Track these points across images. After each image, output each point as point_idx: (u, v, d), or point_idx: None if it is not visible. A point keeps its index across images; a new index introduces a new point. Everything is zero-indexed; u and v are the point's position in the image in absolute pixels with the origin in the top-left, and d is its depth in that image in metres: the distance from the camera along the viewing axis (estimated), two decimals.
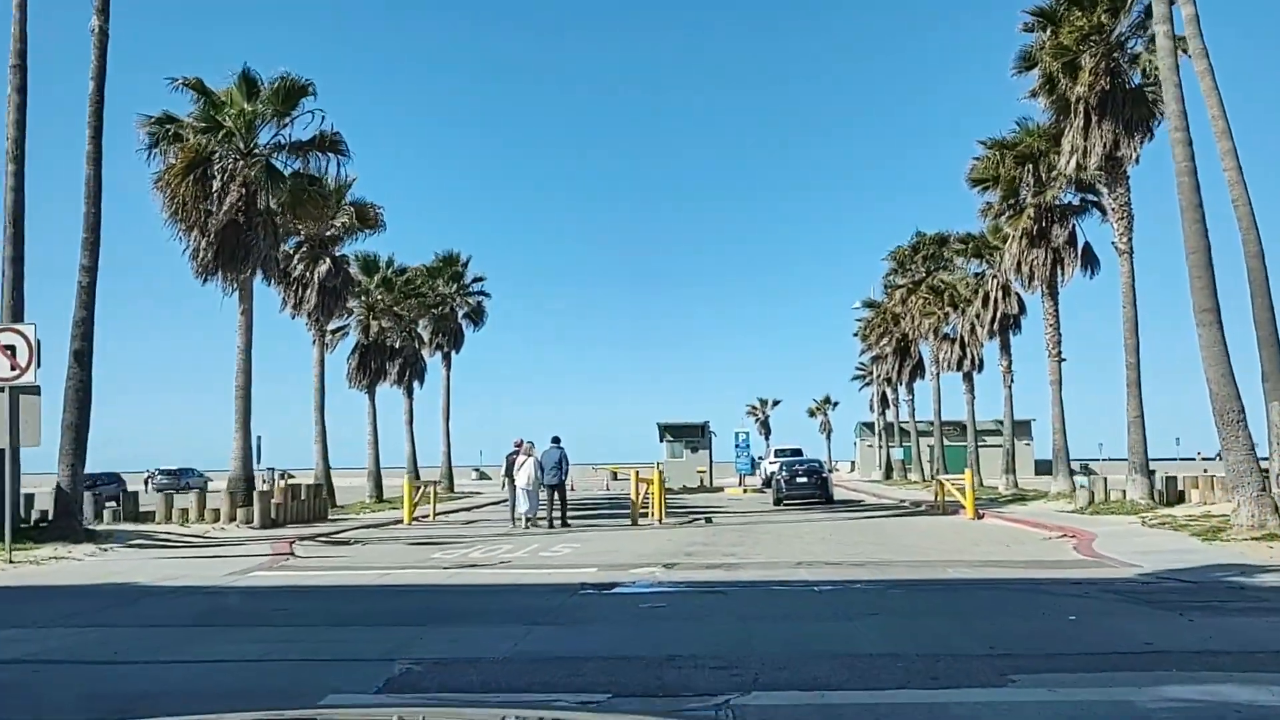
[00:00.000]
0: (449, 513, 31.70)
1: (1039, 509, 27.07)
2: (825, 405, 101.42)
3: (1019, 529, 21.60)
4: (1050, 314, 30.78)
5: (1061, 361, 30.66)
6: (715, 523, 25.39)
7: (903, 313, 49.16)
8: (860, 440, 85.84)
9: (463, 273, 46.41)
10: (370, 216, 31.86)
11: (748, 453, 52.83)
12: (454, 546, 18.82)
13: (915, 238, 47.26)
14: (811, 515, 28.23)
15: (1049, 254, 30.23)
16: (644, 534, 21.59)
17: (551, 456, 23.31)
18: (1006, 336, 37.19)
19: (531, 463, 22.96)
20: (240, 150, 25.67)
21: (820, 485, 34.31)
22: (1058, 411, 30.38)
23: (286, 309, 31.37)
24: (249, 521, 22.90)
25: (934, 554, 16.13)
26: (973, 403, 42.99)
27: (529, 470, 22.90)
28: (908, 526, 23.17)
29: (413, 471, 41.03)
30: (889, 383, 58.09)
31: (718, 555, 16.33)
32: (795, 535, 20.74)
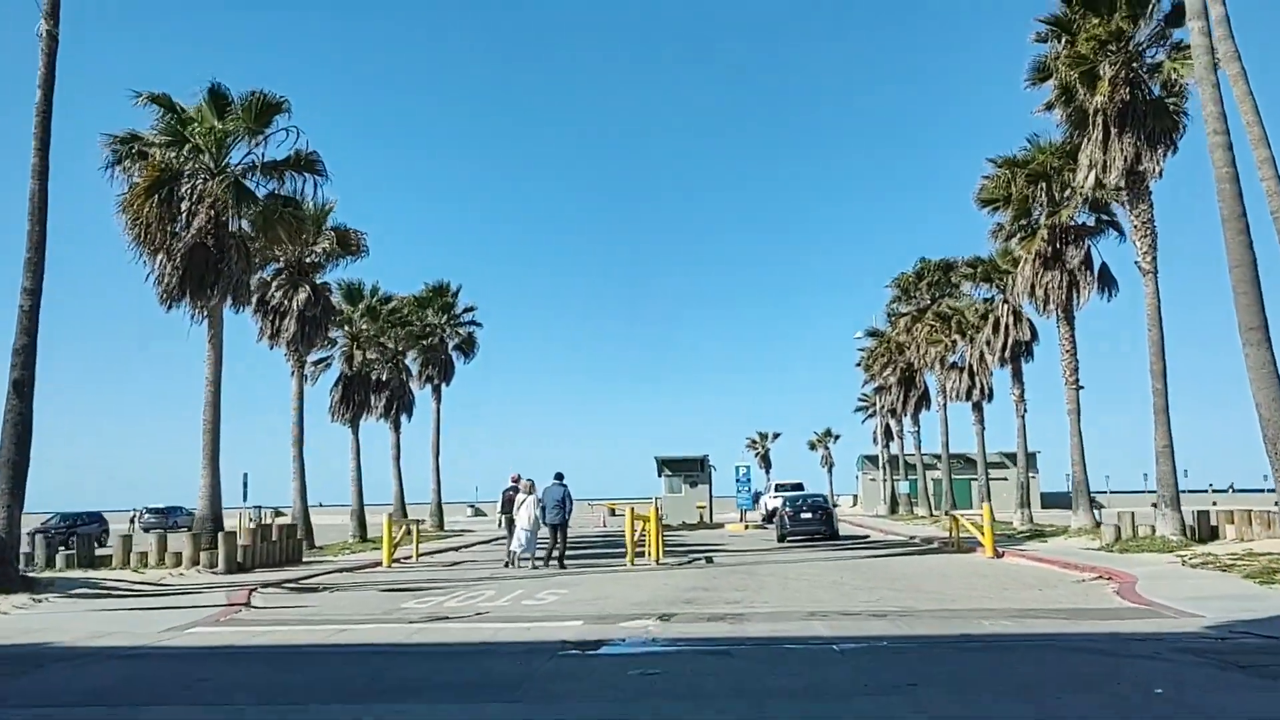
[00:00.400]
0: (434, 553, 29.96)
1: (1061, 546, 25.39)
2: (826, 438, 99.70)
3: (1046, 569, 19.93)
4: (1066, 339, 29.25)
5: (1079, 389, 29.12)
6: (716, 563, 23.71)
7: (907, 341, 47.64)
8: (862, 474, 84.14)
9: (453, 303, 44.98)
10: (352, 242, 30.41)
11: (749, 487, 51.05)
12: (431, 593, 17.16)
13: (919, 264, 45.92)
14: (818, 554, 26.53)
15: (1064, 276, 28.76)
16: (639, 577, 19.91)
17: (554, 494, 22.29)
18: (1018, 364, 35.64)
19: (532, 501, 22.05)
20: (210, 169, 24.28)
21: (825, 521, 33.21)
22: (1076, 442, 28.78)
23: (264, 339, 29.81)
24: (213, 566, 21.21)
25: (961, 600, 14.48)
26: (983, 434, 41.42)
27: (529, 508, 21.97)
28: (923, 567, 21.49)
29: (400, 509, 39.35)
30: (893, 414, 56.44)
31: (720, 603, 14.68)
32: (803, 578, 19.06)
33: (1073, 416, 28.88)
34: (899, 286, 47.19)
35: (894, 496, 58.88)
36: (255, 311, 29.90)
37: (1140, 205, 23.82)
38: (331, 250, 29.73)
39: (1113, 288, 29.15)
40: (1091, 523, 28.16)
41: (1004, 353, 34.97)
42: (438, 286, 44.48)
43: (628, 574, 20.95)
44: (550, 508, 22.12)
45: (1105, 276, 29.10)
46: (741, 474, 50.70)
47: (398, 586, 18.76)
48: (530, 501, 22.13)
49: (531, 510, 22.01)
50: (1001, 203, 29.79)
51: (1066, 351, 29.15)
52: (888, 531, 37.80)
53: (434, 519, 43.94)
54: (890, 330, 51.65)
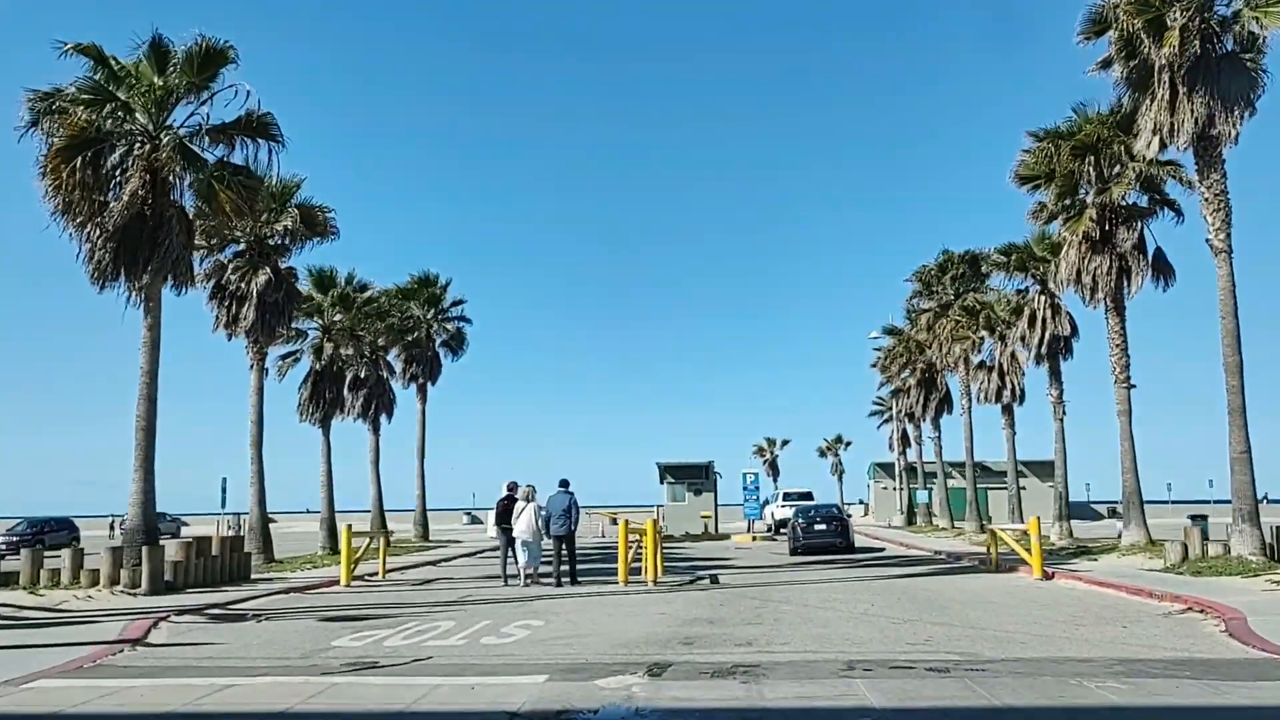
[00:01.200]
0: (408, 569, 26.90)
1: (1117, 566, 22.27)
2: (837, 444, 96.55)
3: (1114, 596, 16.82)
4: (1116, 331, 26.10)
5: (1131, 388, 25.97)
6: (723, 584, 20.64)
7: (928, 340, 44.44)
8: (874, 482, 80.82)
9: (441, 295, 42.00)
10: (319, 221, 27.37)
11: (756, 496, 47.82)
12: (377, 625, 14.14)
13: (942, 256, 42.72)
14: (837, 572, 23.45)
15: (1113, 261, 25.64)
16: (632, 603, 16.85)
17: (559, 503, 20.24)
18: (1056, 362, 32.43)
19: (532, 509, 20.10)
20: (147, 131, 21.30)
21: (841, 533, 31.00)
22: (1128, 447, 25.61)
23: (220, 327, 26.80)
24: (134, 586, 18.19)
25: (1034, 643, 11.39)
26: (1013, 439, 38.18)
27: (529, 518, 19.99)
28: (965, 591, 18.39)
29: (378, 517, 36.33)
30: (910, 418, 53.15)
31: (729, 644, 11.62)
32: (827, 605, 15.99)
33: (1124, 418, 25.73)
34: (920, 280, 43.93)
35: (911, 506, 55.60)
36: (210, 298, 26.94)
37: (1212, 174, 20.71)
38: (296, 230, 26.66)
39: (1168, 275, 26.02)
40: (1145, 538, 25.01)
41: (1040, 349, 31.80)
42: (424, 278, 41.52)
43: (619, 598, 17.90)
44: (556, 518, 20.09)
45: (1160, 262, 25.96)
46: (749, 481, 47.47)
47: (342, 614, 15.73)
48: (530, 510, 20.10)
49: (531, 519, 19.98)
50: (1043, 180, 26.63)
51: (1116, 345, 25.99)
52: (909, 545, 34.66)
53: (418, 528, 40.89)
54: (910, 328, 48.41)
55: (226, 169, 21.97)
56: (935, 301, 43.48)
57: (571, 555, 20.48)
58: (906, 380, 50.39)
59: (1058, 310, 31.76)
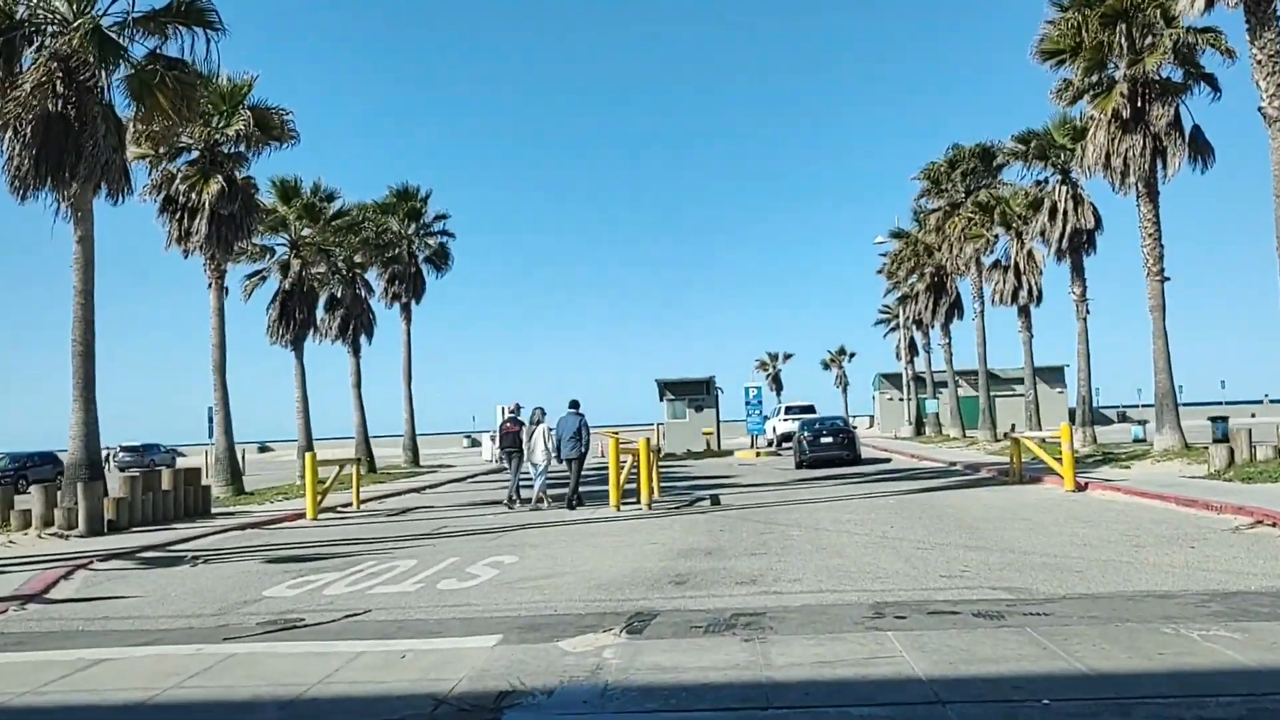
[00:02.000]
0: (389, 496, 25.18)
1: (1153, 474, 20.45)
2: (841, 357, 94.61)
3: (1164, 509, 14.95)
4: (1149, 219, 23.88)
5: (1165, 281, 23.85)
6: (724, 504, 18.85)
7: (937, 242, 42.16)
8: (880, 393, 79.26)
9: (422, 209, 39.62)
10: (275, 124, 24.96)
11: (759, 411, 45.96)
12: (326, 565, 12.35)
13: (952, 150, 40.11)
14: (848, 488, 21.69)
15: (1147, 141, 23.32)
16: (622, 531, 15.04)
17: (569, 425, 19.65)
18: (1079, 257, 30.19)
19: (541, 432, 19.58)
20: (65, 19, 18.90)
21: (847, 445, 31.04)
22: (1161, 345, 23.59)
23: (173, 243, 24.63)
24: (70, 527, 16.38)
25: (1093, 571, 9.53)
26: (1030, 342, 36.05)
27: (541, 441, 19.52)
28: (992, 506, 16.54)
29: (363, 443, 34.58)
30: (918, 325, 51.06)
31: (728, 582, 9.78)
32: (840, 527, 14.16)
33: (1156, 314, 23.66)
34: (928, 178, 41.37)
35: (920, 417, 53.88)
36: (160, 211, 24.74)
37: (1265, 33, 18.30)
38: (249, 134, 24.25)
39: (1207, 155, 23.69)
40: (1180, 443, 23.15)
41: (1061, 244, 29.50)
42: (403, 190, 39.03)
43: (608, 525, 16.10)
44: (566, 440, 19.48)
45: (1198, 141, 23.62)
46: (752, 396, 45.58)
47: (293, 553, 13.92)
48: (541, 433, 19.58)
49: (543, 443, 19.50)
50: (1068, 54, 24.08)
51: (1149, 235, 23.80)
52: (921, 457, 32.92)
53: (408, 454, 39.13)
54: (918, 230, 46.05)
55: (160, 62, 19.61)
56: (945, 200, 41.04)
57: (577, 478, 19.73)
58: (914, 285, 48.18)
59: (1080, 201, 29.43)
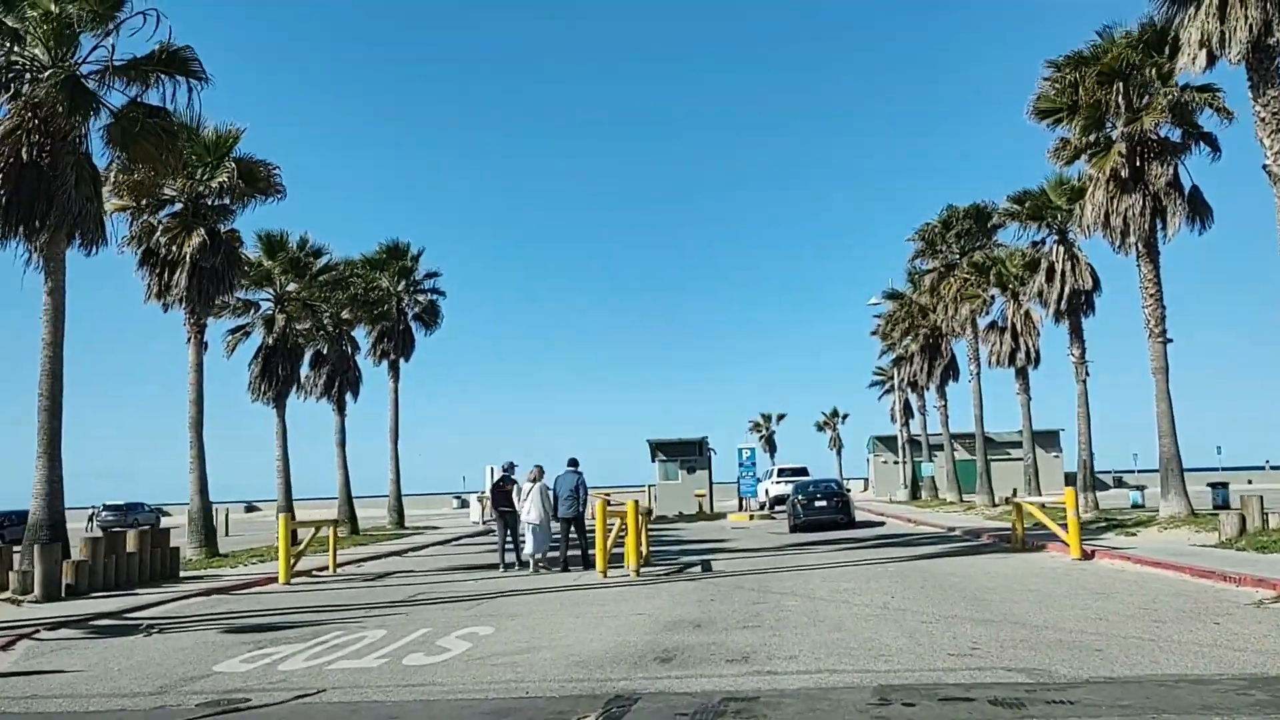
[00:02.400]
0: (369, 559, 24.28)
1: (1161, 541, 19.70)
2: (834, 419, 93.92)
3: (1179, 580, 14.20)
4: (1150, 280, 23.43)
5: (1167, 343, 23.32)
6: (716, 571, 18.05)
7: (931, 303, 41.75)
8: (874, 456, 78.38)
9: (412, 266, 39.22)
10: (260, 177, 24.55)
11: (753, 473, 45.16)
12: (289, 635, 11.54)
13: (946, 211, 39.88)
14: (844, 554, 20.90)
15: (1147, 201, 22.95)
16: (606, 600, 14.24)
17: (567, 483, 19.30)
18: (1077, 319, 29.73)
19: (539, 490, 19.12)
20: (39, 65, 18.51)
21: (842, 508, 30.96)
22: (1165, 408, 22.98)
23: (151, 297, 24.03)
24: (25, 591, 15.53)
25: (1115, 650, 8.79)
26: (1028, 404, 35.43)
27: (537, 500, 19.01)
28: (996, 575, 15.78)
29: (346, 503, 33.71)
30: (913, 387, 50.53)
31: (718, 659, 9.01)
32: (839, 598, 13.38)
33: (1159, 377, 23.09)
34: (923, 239, 41.11)
35: (915, 480, 53.09)
36: (140, 264, 24.19)
37: (1268, 90, 18.00)
38: (234, 187, 23.80)
39: (1205, 215, 23.33)
40: (1187, 509, 22.44)
41: (1059, 305, 29.07)
42: (393, 246, 38.67)
43: (593, 593, 15.29)
44: (563, 499, 19.13)
45: (1197, 201, 23.27)
46: (745, 458, 44.77)
47: (256, 622, 13.09)
48: (537, 491, 19.13)
49: (540, 502, 19.01)
50: (1065, 112, 23.84)
51: (1150, 295, 23.33)
52: (918, 522, 32.10)
53: (393, 515, 38.20)
54: (912, 291, 45.72)
55: (140, 110, 19.21)
56: (940, 261, 40.72)
57: (583, 538, 19.47)
58: (909, 347, 47.72)
59: (1077, 261, 29.04)
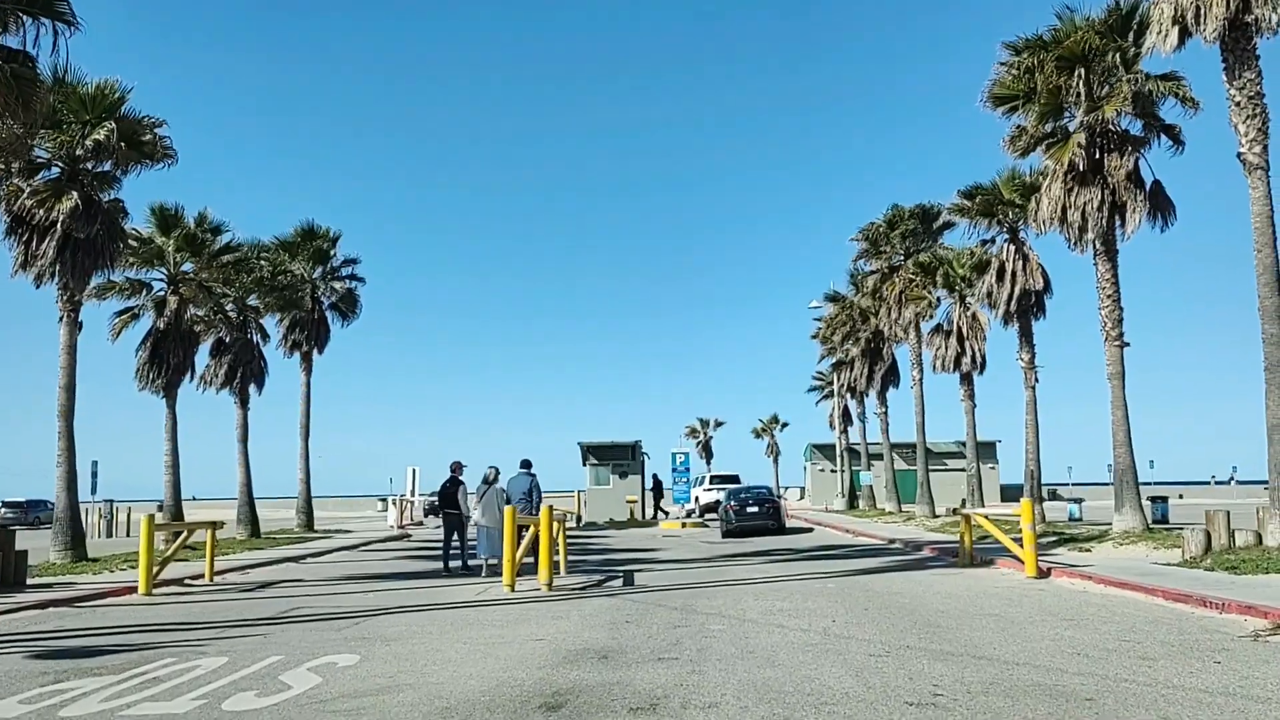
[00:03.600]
0: (258, 566, 21.98)
1: (1119, 559, 18.27)
2: (773, 425, 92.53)
3: (1152, 605, 12.63)
4: (1108, 279, 22.06)
5: (1124, 346, 21.97)
6: (638, 585, 16.18)
7: (874, 305, 40.37)
8: (812, 464, 77.22)
9: (329, 250, 36.77)
10: (144, 137, 22.12)
11: (687, 478, 43.39)
12: (105, 664, 9.44)
13: (891, 211, 38.51)
14: (780, 567, 19.19)
15: (1105, 195, 21.58)
16: (505, 620, 12.27)
17: (520, 485, 18.97)
18: (1028, 321, 28.40)
19: (493, 494, 18.61)
20: None
21: (773, 514, 31.99)
22: (1121, 416, 21.60)
23: (18, 269, 21.50)
24: None
25: (1108, 698, 7.06)
26: (973, 411, 34.04)
27: (490, 502, 18.44)
28: (948, 596, 14.11)
29: (246, 504, 31.26)
30: (853, 393, 49.12)
31: (620, 706, 7.11)
32: (772, 619, 11.58)
33: (1116, 382, 21.72)
34: (866, 239, 39.66)
35: (853, 489, 51.74)
36: (8, 233, 21.66)
37: (1245, 72, 16.67)
38: (113, 147, 21.31)
39: (1168, 211, 22.01)
40: (1142, 524, 21.10)
41: (1009, 306, 27.72)
42: (308, 230, 36.16)
43: (495, 610, 13.30)
44: (516, 502, 18.32)
45: (1158, 196, 21.95)
46: (679, 463, 43.03)
47: (77, 644, 10.91)
48: (492, 494, 18.62)
49: (494, 504, 18.39)
50: (1022, 99, 22.40)
51: (1107, 296, 21.97)
52: (857, 532, 30.55)
53: (301, 517, 35.69)
54: (854, 294, 44.35)
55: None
56: (883, 262, 39.32)
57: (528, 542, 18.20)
58: (849, 351, 46.31)
59: (1029, 261, 27.72)
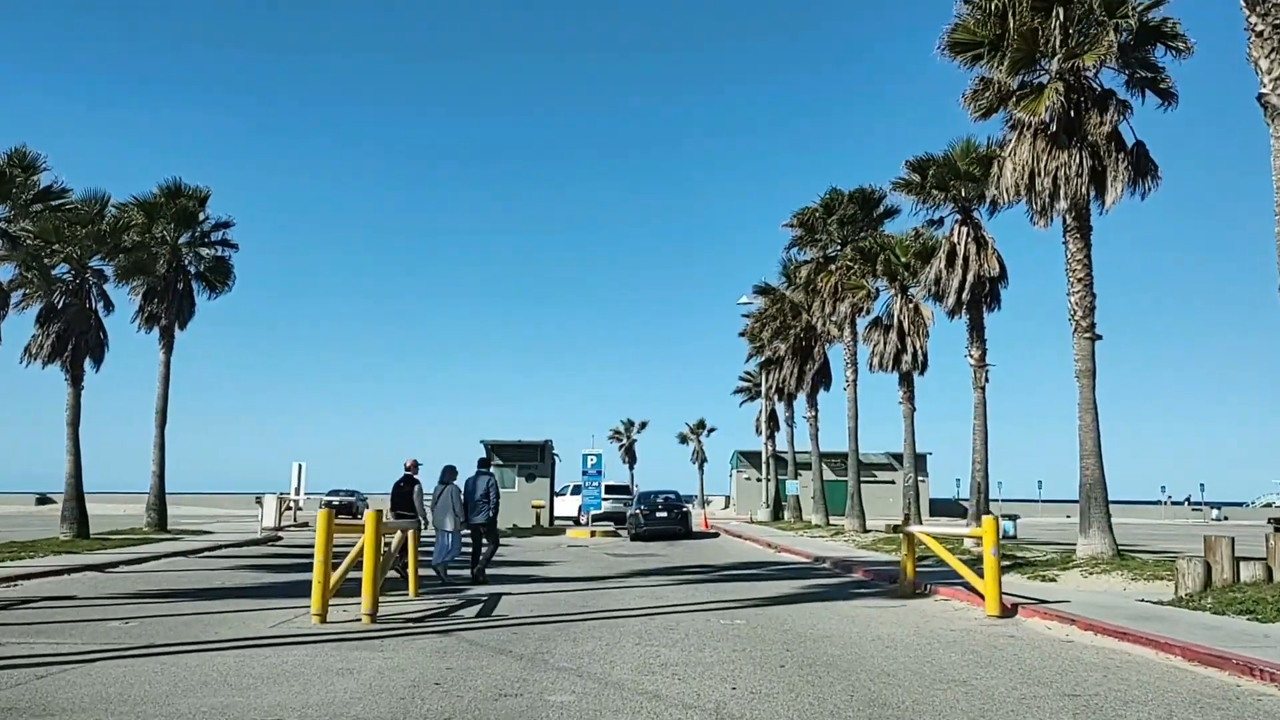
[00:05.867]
0: (33, 576, 17.67)
1: (1093, 591, 14.99)
2: (699, 430, 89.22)
3: (1173, 668, 9.17)
4: (1079, 261, 18.82)
5: (1095, 339, 18.77)
6: (499, 613, 12.41)
7: (807, 300, 37.10)
8: (738, 472, 74.22)
9: (196, 212, 32.35)
10: None
11: (598, 481, 39.47)
12: None
13: (829, 194, 35.22)
14: (683, 591, 15.57)
15: (1083, 158, 18.39)
16: (271, 671, 8.40)
17: (479, 486, 17.66)
18: (979, 312, 25.20)
19: (450, 494, 17.45)
20: None
21: (680, 519, 33.53)
22: (1089, 421, 18.35)
23: None
24: None
25: None
26: (912, 415, 30.87)
27: (447, 504, 17.37)
28: (893, 644, 10.56)
29: (74, 498, 26.77)
30: (781, 394, 45.79)
31: None
32: (647, 687, 7.90)
33: (1085, 381, 18.47)
34: (801, 225, 36.17)
35: (779, 499, 48.47)
36: None
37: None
38: None
39: (1149, 176, 18.85)
40: (1112, 548, 17.86)
41: (960, 296, 24.48)
42: (172, 188, 31.77)
43: (265, 656, 9.40)
44: (474, 503, 17.46)
45: (1141, 158, 18.80)
46: (590, 465, 39.10)
47: None
48: (449, 495, 17.45)
49: (451, 506, 17.33)
50: (987, 47, 19.08)
51: (1078, 280, 18.74)
52: (780, 547, 27.09)
53: (151, 515, 31.19)
54: (786, 287, 41.05)
55: None
56: (819, 250, 36.02)
57: (492, 546, 17.56)
58: (779, 349, 42.96)
59: (984, 245, 24.58)
